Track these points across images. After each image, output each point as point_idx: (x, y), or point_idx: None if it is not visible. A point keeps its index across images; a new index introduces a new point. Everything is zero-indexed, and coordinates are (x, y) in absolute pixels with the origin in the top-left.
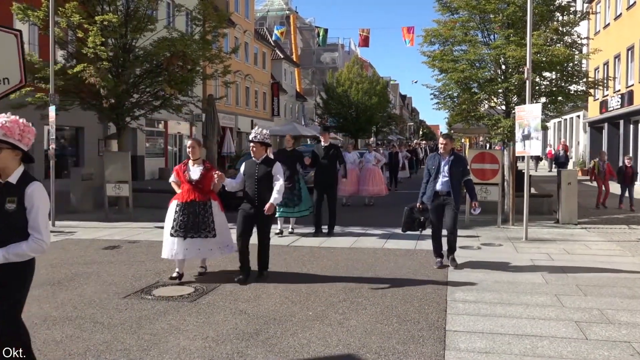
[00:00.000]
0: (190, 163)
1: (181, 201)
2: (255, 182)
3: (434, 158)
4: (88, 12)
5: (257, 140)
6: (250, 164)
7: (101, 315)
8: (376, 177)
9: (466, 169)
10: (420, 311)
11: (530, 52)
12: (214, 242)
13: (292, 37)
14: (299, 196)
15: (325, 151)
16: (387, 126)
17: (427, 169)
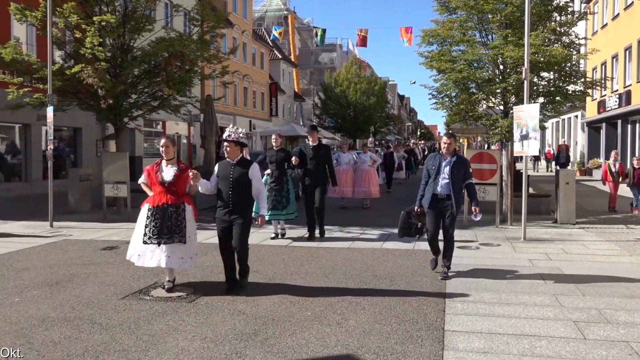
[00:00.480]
0: (163, 163)
1: (153, 205)
2: (230, 185)
3: (435, 158)
4: (86, 13)
5: (231, 140)
6: (225, 166)
7: (99, 316)
8: (372, 178)
9: (469, 171)
10: (418, 311)
11: (528, 52)
12: (184, 251)
13: (290, 38)
14: (287, 198)
15: (314, 151)
16: (386, 126)
17: (426, 169)
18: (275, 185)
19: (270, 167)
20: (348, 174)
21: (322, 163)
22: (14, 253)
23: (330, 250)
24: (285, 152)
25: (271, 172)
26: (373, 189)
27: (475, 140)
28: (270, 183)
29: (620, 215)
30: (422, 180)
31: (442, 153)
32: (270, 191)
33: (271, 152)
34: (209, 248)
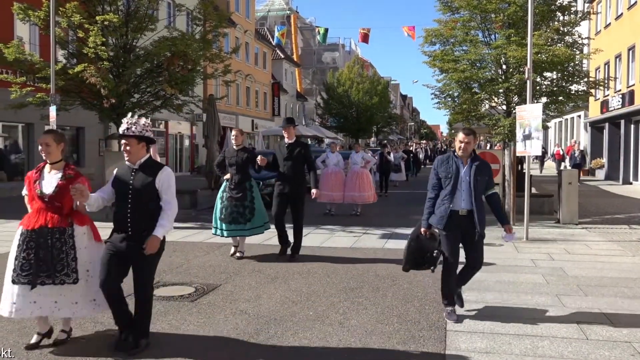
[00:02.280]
0: (46, 168)
1: (27, 228)
2: (129, 199)
3: (448, 162)
4: (89, 12)
5: (131, 135)
6: (124, 172)
7: (102, 315)
8: (364, 182)
9: (492, 178)
10: (420, 311)
11: (531, 52)
12: (79, 293)
13: (293, 37)
14: (250, 209)
15: (290, 150)
16: (388, 126)
17: (435, 177)
18: (236, 192)
19: (230, 171)
20: (337, 177)
21: (299, 165)
22: None
23: (332, 250)
24: (248, 151)
25: (230, 177)
26: (366, 193)
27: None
28: (229, 190)
29: (623, 216)
30: (429, 192)
31: (457, 155)
32: (229, 200)
33: (230, 152)
34: (211, 247)
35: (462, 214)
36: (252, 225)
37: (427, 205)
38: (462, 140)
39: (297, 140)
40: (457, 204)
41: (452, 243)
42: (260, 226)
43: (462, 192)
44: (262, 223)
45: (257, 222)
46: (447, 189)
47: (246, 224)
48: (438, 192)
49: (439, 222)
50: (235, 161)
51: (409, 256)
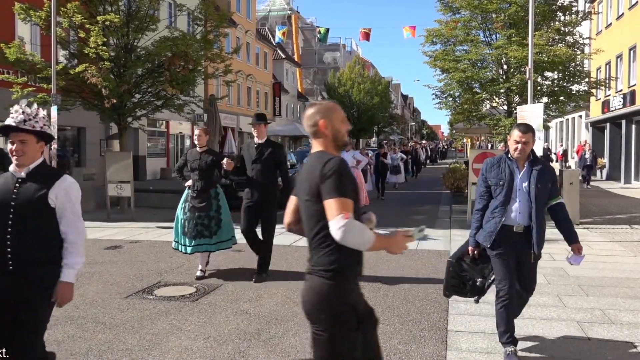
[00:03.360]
0: None
1: None
2: (9, 221)
3: (499, 166)
4: (90, 12)
5: (29, 129)
6: (3, 182)
7: (103, 315)
8: None
9: (556, 186)
10: (421, 311)
11: (532, 52)
12: None
13: (294, 37)
14: (217, 220)
15: (259, 151)
16: (389, 126)
17: (483, 185)
18: (199, 202)
19: (192, 176)
20: None
21: (269, 169)
22: None
23: None
24: (213, 153)
25: (192, 184)
26: None
27: (479, 140)
28: (192, 199)
29: (624, 216)
30: (476, 202)
31: (512, 157)
32: (192, 211)
33: (193, 155)
34: None
35: (518, 230)
36: (218, 239)
37: (475, 219)
38: (518, 140)
39: (268, 140)
40: (511, 217)
41: (505, 266)
42: (227, 240)
43: (517, 202)
44: (229, 237)
45: (224, 235)
46: (499, 199)
47: (212, 237)
48: (487, 203)
49: (486, 240)
50: (199, 165)
51: (449, 282)
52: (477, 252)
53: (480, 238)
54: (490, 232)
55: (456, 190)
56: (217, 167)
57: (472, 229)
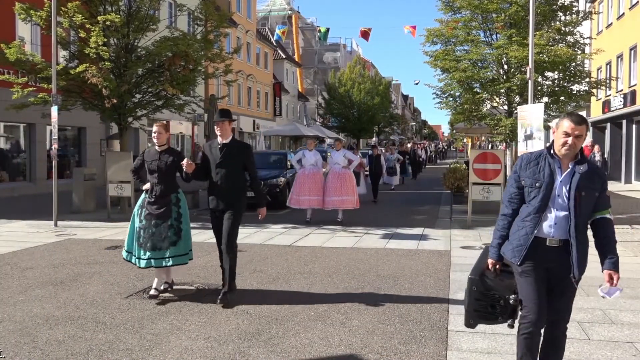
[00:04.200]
0: None
1: None
2: None
3: (537, 164)
4: (90, 12)
5: None
6: None
7: (103, 315)
8: (346, 184)
9: (605, 195)
10: (422, 311)
11: (532, 52)
12: None
13: (294, 37)
14: (176, 229)
15: (224, 153)
16: (389, 126)
17: (514, 185)
18: (156, 208)
19: (150, 179)
20: (316, 179)
21: (236, 173)
22: (18, 252)
23: (333, 250)
24: (174, 153)
25: (150, 188)
26: (347, 197)
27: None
28: (148, 205)
29: (625, 216)
30: (503, 207)
31: (554, 154)
32: (148, 219)
33: (151, 155)
34: (212, 247)
35: (552, 244)
36: (175, 252)
37: (499, 226)
38: (569, 132)
39: (234, 139)
40: (544, 228)
41: (533, 287)
42: (183, 254)
43: (554, 211)
44: (186, 250)
45: (182, 247)
46: (533, 205)
47: (168, 250)
48: (518, 207)
49: (514, 255)
50: (157, 166)
51: (473, 305)
52: (499, 267)
53: (506, 252)
54: (520, 245)
55: (457, 190)
56: (178, 168)
57: (494, 238)
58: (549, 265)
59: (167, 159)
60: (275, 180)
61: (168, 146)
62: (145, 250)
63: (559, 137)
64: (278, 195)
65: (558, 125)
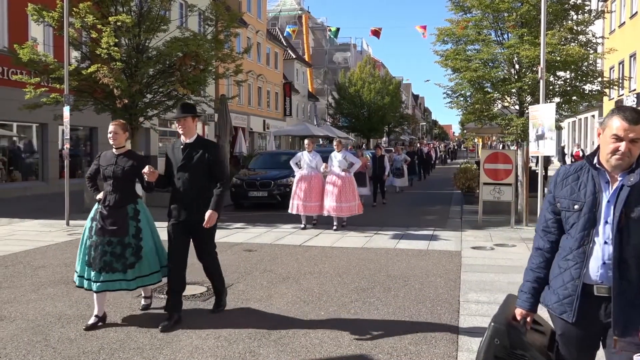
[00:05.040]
0: None
1: None
2: None
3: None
4: (102, 13)
5: None
6: None
7: (114, 313)
8: (346, 189)
9: None
10: (432, 312)
11: (544, 51)
12: None
13: (305, 37)
14: (135, 248)
15: (187, 154)
16: (400, 126)
17: (550, 210)
18: (110, 222)
19: (105, 187)
20: (314, 182)
21: (201, 177)
22: (30, 251)
23: (343, 250)
24: (134, 157)
25: (104, 197)
26: (347, 204)
27: (490, 140)
28: (101, 218)
29: None
30: (537, 239)
31: (599, 165)
32: (100, 234)
33: (107, 158)
34: (223, 247)
35: (601, 293)
36: (138, 273)
37: (533, 264)
38: (622, 134)
39: (199, 138)
40: (592, 270)
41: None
42: (151, 274)
43: (603, 244)
44: (157, 268)
45: (147, 266)
46: (574, 236)
47: (127, 272)
48: (556, 239)
49: (565, 309)
50: (113, 172)
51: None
52: (531, 319)
53: (550, 302)
54: (569, 295)
55: (467, 190)
56: (138, 175)
57: (526, 279)
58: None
59: (125, 163)
60: (286, 180)
61: (128, 149)
62: (97, 273)
63: (607, 141)
64: (288, 195)
65: (605, 124)
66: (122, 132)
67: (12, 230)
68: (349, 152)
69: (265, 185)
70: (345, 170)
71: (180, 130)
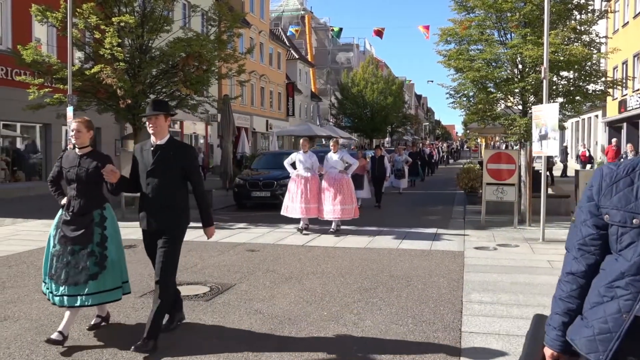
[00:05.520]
0: None
1: None
2: None
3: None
4: (105, 14)
5: None
6: None
7: (117, 313)
8: (343, 191)
9: None
10: (435, 312)
11: (547, 51)
12: None
13: (307, 37)
14: (100, 257)
15: (158, 157)
16: (402, 126)
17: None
18: (73, 229)
19: (68, 191)
20: (311, 184)
21: (173, 182)
22: (34, 251)
23: (346, 251)
24: (99, 157)
25: (67, 203)
26: (344, 207)
27: (494, 140)
28: (64, 225)
29: None
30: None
31: None
32: (63, 243)
33: (70, 159)
34: (226, 247)
35: None
36: (101, 287)
37: (564, 293)
38: None
39: (171, 139)
40: None
41: None
42: (115, 288)
43: None
44: (118, 284)
45: (109, 281)
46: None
47: (87, 284)
48: (598, 260)
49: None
50: (76, 175)
51: None
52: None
53: (580, 340)
54: (608, 332)
55: (470, 190)
56: (98, 176)
57: (555, 311)
58: None
59: (90, 164)
60: (288, 180)
61: (92, 149)
62: (58, 285)
63: None
64: None
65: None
66: (85, 131)
67: (16, 230)
68: (346, 153)
69: (267, 186)
70: (342, 171)
71: (151, 129)
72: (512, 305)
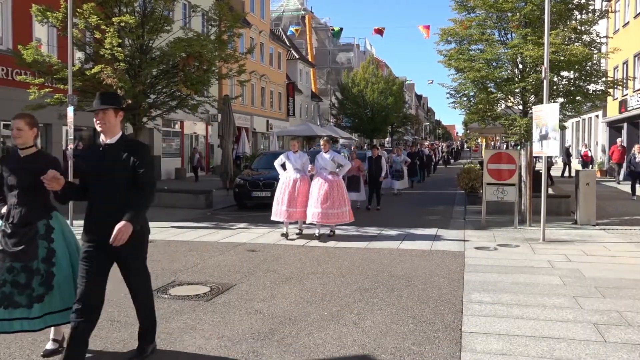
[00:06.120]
0: None
1: None
2: None
3: None
4: (105, 14)
5: None
6: None
7: (118, 313)
8: (335, 194)
9: None
10: (436, 312)
11: (547, 51)
12: None
13: (308, 37)
14: (46, 275)
15: (108, 157)
16: (403, 126)
17: None
18: (14, 242)
19: (9, 198)
20: (300, 186)
21: (123, 186)
22: None
23: (347, 251)
24: (44, 159)
25: (7, 211)
26: (333, 211)
27: (494, 140)
28: (3, 238)
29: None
30: None
31: None
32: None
33: (11, 162)
34: (226, 247)
35: None
36: (47, 309)
37: None
38: None
39: (123, 137)
40: None
41: None
42: (65, 310)
43: None
44: (69, 304)
45: (59, 300)
46: None
47: (32, 307)
48: None
49: None
50: (18, 179)
51: None
52: None
53: None
54: None
55: (471, 190)
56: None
57: None
58: None
59: (34, 166)
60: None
61: (37, 149)
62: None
63: None
64: None
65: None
66: (28, 128)
67: None
68: (337, 153)
69: (268, 186)
70: (333, 172)
71: (99, 126)
72: (513, 305)
